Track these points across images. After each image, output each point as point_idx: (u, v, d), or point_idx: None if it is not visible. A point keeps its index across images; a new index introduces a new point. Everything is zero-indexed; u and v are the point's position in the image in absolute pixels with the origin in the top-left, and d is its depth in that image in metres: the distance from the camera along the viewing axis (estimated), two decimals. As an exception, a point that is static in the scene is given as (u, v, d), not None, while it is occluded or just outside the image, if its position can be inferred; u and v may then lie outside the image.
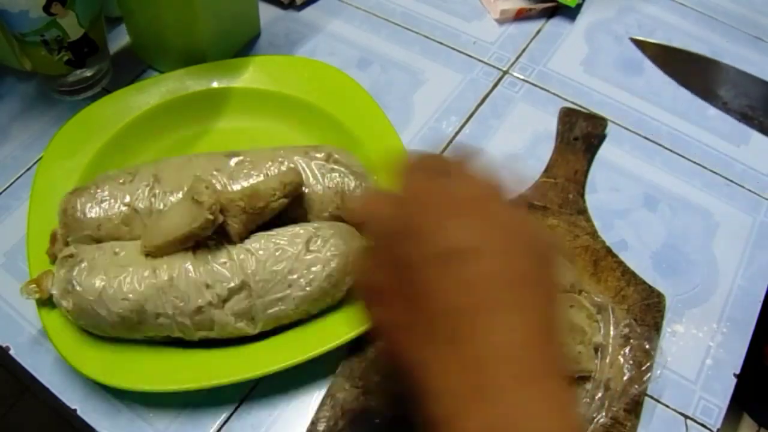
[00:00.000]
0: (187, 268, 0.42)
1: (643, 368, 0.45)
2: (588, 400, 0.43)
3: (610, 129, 0.58)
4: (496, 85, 0.61)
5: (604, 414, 0.43)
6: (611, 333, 0.45)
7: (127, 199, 0.45)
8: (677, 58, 0.65)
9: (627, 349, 0.45)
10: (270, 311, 0.43)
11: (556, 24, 0.66)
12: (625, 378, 0.44)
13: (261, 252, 0.43)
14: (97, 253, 0.43)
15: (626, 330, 0.46)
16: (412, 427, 0.42)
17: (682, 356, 0.47)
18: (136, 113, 0.54)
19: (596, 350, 0.44)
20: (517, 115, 0.59)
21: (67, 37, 0.53)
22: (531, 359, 0.28)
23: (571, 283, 0.46)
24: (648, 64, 0.63)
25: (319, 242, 0.43)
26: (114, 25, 0.63)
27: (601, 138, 0.58)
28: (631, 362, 0.45)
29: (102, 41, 0.57)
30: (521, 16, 0.66)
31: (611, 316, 0.46)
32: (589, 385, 0.44)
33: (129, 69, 0.61)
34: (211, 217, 0.41)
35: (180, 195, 0.45)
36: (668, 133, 0.59)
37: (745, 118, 0.60)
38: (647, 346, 0.45)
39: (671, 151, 0.58)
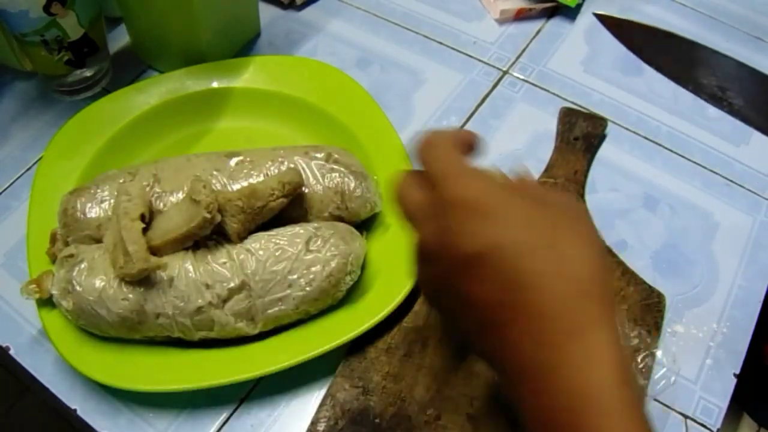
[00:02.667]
0: (187, 268, 0.42)
1: (657, 376, 0.44)
2: None
3: (610, 129, 0.58)
4: (496, 85, 0.61)
5: None
6: None
7: (127, 199, 0.45)
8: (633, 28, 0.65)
9: (638, 359, 0.45)
10: (270, 311, 0.43)
11: (556, 24, 0.66)
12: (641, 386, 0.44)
13: (261, 252, 0.43)
14: (97, 253, 0.43)
15: (636, 341, 0.45)
16: (412, 428, 0.42)
17: (682, 356, 0.47)
18: (136, 113, 0.54)
19: None
20: (517, 115, 0.59)
21: (67, 37, 0.53)
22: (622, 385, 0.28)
23: None
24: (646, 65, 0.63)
25: (319, 242, 0.43)
26: (114, 25, 0.63)
27: (601, 138, 0.58)
28: (643, 371, 0.44)
29: (102, 41, 0.57)
30: (521, 16, 0.66)
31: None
32: None
33: (129, 69, 0.61)
34: (208, 215, 0.41)
35: (180, 195, 0.45)
36: (668, 133, 0.59)
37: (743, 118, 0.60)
38: (658, 354, 0.45)
39: (671, 151, 0.58)
